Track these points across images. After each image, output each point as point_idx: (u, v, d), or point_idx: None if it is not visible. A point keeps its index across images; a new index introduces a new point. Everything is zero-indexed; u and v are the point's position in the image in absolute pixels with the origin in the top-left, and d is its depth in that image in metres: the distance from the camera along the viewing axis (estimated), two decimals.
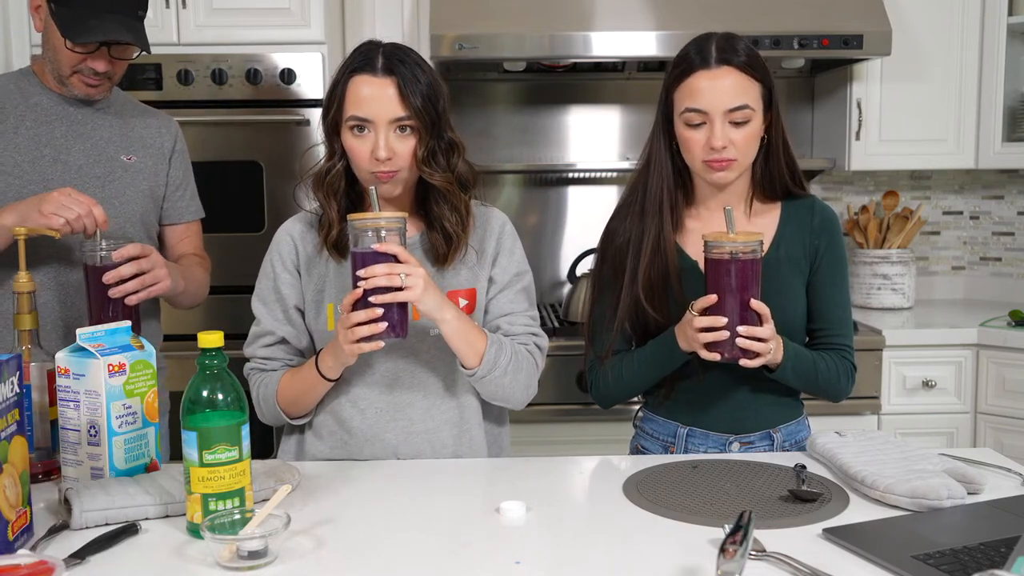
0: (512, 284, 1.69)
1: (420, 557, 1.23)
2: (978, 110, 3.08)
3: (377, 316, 1.44)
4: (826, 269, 1.69)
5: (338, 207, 1.62)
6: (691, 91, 1.60)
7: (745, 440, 1.71)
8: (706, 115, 1.58)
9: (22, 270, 1.59)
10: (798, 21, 2.81)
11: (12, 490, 1.22)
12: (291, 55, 2.72)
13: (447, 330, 1.54)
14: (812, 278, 1.70)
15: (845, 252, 1.73)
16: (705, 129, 1.59)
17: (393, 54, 1.56)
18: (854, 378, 1.72)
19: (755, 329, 1.51)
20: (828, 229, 1.70)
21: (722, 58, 1.58)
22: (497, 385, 1.61)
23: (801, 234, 1.69)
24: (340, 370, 1.59)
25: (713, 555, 1.12)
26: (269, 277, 1.69)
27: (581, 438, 2.78)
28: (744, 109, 1.58)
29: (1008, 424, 2.79)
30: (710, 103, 1.58)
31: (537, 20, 2.80)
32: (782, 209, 1.72)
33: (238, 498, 1.29)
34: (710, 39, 1.61)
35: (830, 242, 1.70)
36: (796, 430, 1.75)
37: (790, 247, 1.69)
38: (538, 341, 1.70)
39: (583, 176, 3.40)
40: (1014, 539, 1.16)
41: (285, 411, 1.65)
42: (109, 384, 1.43)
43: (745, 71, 1.58)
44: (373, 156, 1.54)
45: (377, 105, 1.53)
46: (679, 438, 1.74)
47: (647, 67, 3.26)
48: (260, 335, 1.70)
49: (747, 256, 1.50)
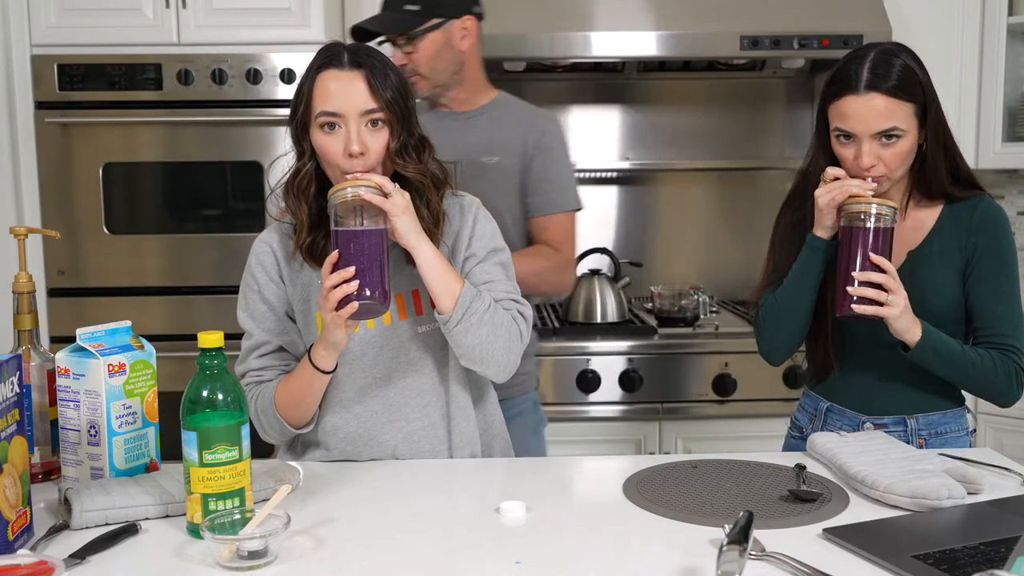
0: (489, 257, 1.65)
1: (420, 557, 1.23)
2: (978, 110, 3.09)
3: (350, 275, 1.41)
4: (985, 267, 1.67)
5: (308, 211, 1.58)
6: (840, 114, 1.62)
7: (878, 423, 1.71)
8: (855, 136, 1.61)
9: (22, 270, 1.59)
10: (798, 21, 2.81)
11: (12, 490, 1.22)
12: (291, 55, 2.73)
13: (422, 261, 1.50)
14: (972, 276, 1.68)
15: (1012, 251, 1.69)
16: (854, 146, 1.62)
17: (359, 50, 1.55)
18: (1020, 385, 1.64)
19: (870, 274, 1.55)
20: (989, 227, 1.68)
21: (871, 84, 1.59)
22: (474, 336, 1.54)
23: (959, 231, 1.68)
24: (334, 358, 1.54)
25: (713, 555, 1.12)
26: (253, 289, 1.65)
27: (581, 438, 2.78)
28: (893, 132, 1.59)
29: (1008, 424, 2.79)
30: (857, 127, 1.60)
31: (537, 20, 2.80)
32: (944, 206, 1.71)
33: (238, 498, 1.29)
34: (864, 60, 1.60)
35: (991, 241, 1.67)
36: (940, 421, 1.71)
37: (945, 241, 1.68)
38: (521, 309, 1.63)
39: (583, 176, 3.40)
40: (1014, 539, 1.16)
41: (286, 419, 1.60)
42: (109, 384, 1.43)
43: (895, 95, 1.58)
44: (346, 152, 1.50)
45: (347, 98, 1.51)
46: (820, 412, 1.79)
47: (647, 67, 3.26)
48: (254, 348, 1.65)
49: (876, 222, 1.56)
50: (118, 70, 2.80)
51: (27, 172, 2.84)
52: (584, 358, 2.78)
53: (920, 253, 1.69)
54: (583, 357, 2.79)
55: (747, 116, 3.38)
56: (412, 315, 1.62)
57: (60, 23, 2.82)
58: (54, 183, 2.85)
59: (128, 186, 2.85)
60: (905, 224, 1.70)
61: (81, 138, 2.83)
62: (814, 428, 1.80)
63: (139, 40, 2.73)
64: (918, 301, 1.62)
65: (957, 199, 1.70)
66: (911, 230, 1.71)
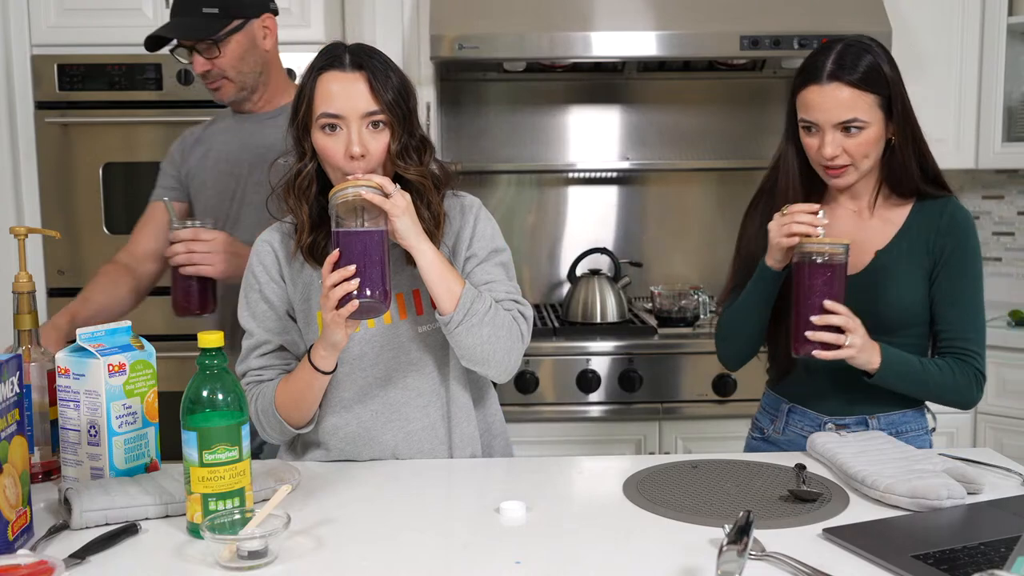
0: (490, 258, 1.65)
1: (420, 557, 1.23)
2: (978, 110, 3.08)
3: (350, 273, 1.41)
4: (951, 271, 1.67)
5: (309, 211, 1.58)
6: (804, 103, 1.64)
7: (840, 423, 1.71)
8: (819, 126, 1.62)
9: (22, 270, 1.59)
10: (798, 21, 2.81)
11: (12, 490, 1.22)
12: (291, 55, 2.71)
13: (423, 261, 1.50)
14: (936, 279, 1.68)
15: (978, 257, 1.69)
16: (818, 137, 1.63)
17: (360, 50, 1.55)
18: (982, 385, 1.66)
19: (827, 318, 1.53)
20: (958, 230, 1.68)
21: (834, 74, 1.60)
22: (475, 337, 1.54)
23: (927, 231, 1.68)
24: (334, 359, 1.53)
25: (713, 555, 1.12)
26: (254, 288, 1.65)
27: (581, 438, 2.78)
28: (854, 122, 1.60)
29: (1008, 424, 2.78)
30: (819, 117, 1.61)
31: (537, 20, 2.80)
32: (914, 206, 1.71)
33: (238, 498, 1.29)
34: (830, 51, 1.62)
35: (958, 244, 1.67)
36: (900, 420, 1.72)
37: (913, 241, 1.69)
38: (522, 310, 1.63)
39: (583, 176, 3.40)
40: (1014, 539, 1.16)
41: (286, 419, 1.59)
42: (109, 384, 1.43)
43: (857, 86, 1.60)
44: (347, 154, 1.51)
45: (348, 100, 1.51)
46: (781, 412, 1.79)
47: (647, 67, 3.26)
48: (255, 347, 1.65)
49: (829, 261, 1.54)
50: (118, 70, 2.80)
51: (27, 172, 2.85)
52: (584, 358, 2.78)
53: (888, 252, 1.69)
54: (583, 357, 2.79)
55: (747, 116, 3.38)
56: (412, 315, 1.62)
57: (60, 23, 2.82)
58: (54, 183, 2.85)
59: (128, 186, 2.85)
60: (873, 222, 1.71)
61: (81, 138, 2.83)
62: (775, 429, 1.80)
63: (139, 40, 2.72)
64: (884, 300, 1.63)
65: (928, 197, 1.70)
66: (879, 228, 1.71)
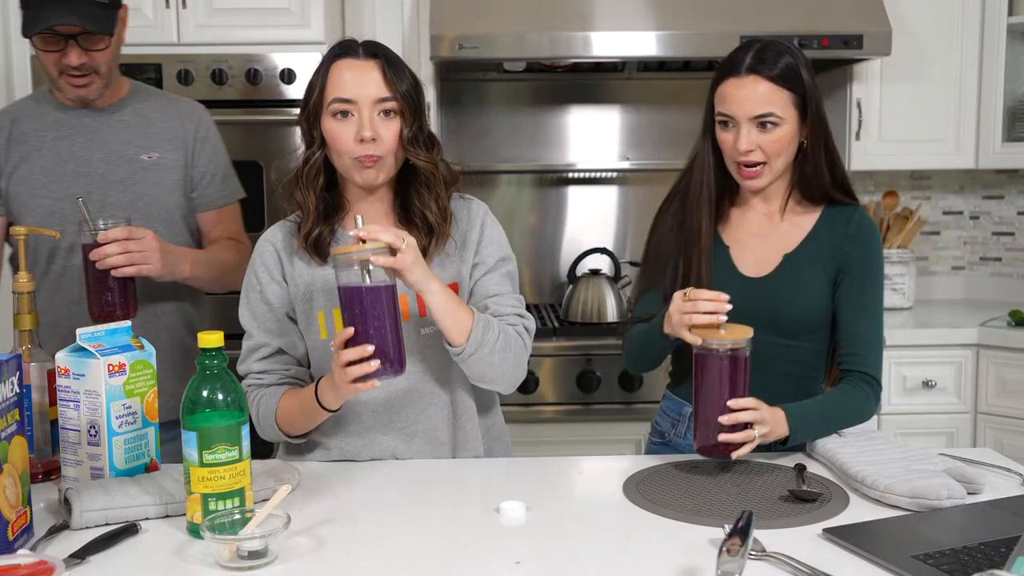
0: (498, 267, 1.67)
1: (420, 557, 1.23)
2: (978, 110, 3.08)
3: (368, 354, 1.37)
4: (853, 282, 1.67)
5: (315, 201, 1.59)
6: (722, 96, 1.65)
7: None
8: (734, 119, 1.62)
9: (22, 270, 1.59)
10: (798, 21, 2.81)
11: (12, 490, 1.22)
12: (291, 55, 2.72)
13: (434, 302, 1.50)
14: (840, 288, 1.67)
15: (880, 268, 1.69)
16: (734, 131, 1.63)
17: (373, 43, 1.58)
18: (878, 399, 1.66)
19: (736, 416, 1.47)
20: (862, 240, 1.68)
21: (751, 68, 1.61)
22: (486, 364, 1.56)
23: (833, 238, 1.69)
24: (341, 403, 1.54)
25: (713, 555, 1.12)
26: (255, 289, 1.65)
27: (581, 438, 2.78)
28: (769, 117, 1.61)
29: (1008, 424, 2.79)
30: (735, 110, 1.62)
31: (537, 20, 2.79)
32: (823, 212, 1.72)
33: (238, 498, 1.29)
34: (749, 47, 1.64)
35: (862, 255, 1.67)
36: None
37: (820, 247, 1.69)
38: (526, 323, 1.65)
39: (583, 176, 3.40)
40: (1014, 539, 1.16)
41: (284, 431, 1.62)
42: (109, 384, 1.43)
43: (774, 81, 1.61)
44: (358, 138, 1.51)
45: (361, 86, 1.52)
46: (683, 417, 1.76)
47: (647, 67, 3.26)
48: (254, 349, 1.65)
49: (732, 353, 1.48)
50: None
51: None
52: (584, 358, 2.78)
53: (795, 256, 1.69)
54: (583, 357, 2.79)
55: None
56: (415, 317, 1.62)
57: None
58: None
59: None
60: (783, 226, 1.72)
61: None
62: (676, 433, 1.77)
63: (139, 40, 2.72)
64: (789, 304, 1.64)
65: (837, 203, 1.71)
66: (788, 233, 1.72)
